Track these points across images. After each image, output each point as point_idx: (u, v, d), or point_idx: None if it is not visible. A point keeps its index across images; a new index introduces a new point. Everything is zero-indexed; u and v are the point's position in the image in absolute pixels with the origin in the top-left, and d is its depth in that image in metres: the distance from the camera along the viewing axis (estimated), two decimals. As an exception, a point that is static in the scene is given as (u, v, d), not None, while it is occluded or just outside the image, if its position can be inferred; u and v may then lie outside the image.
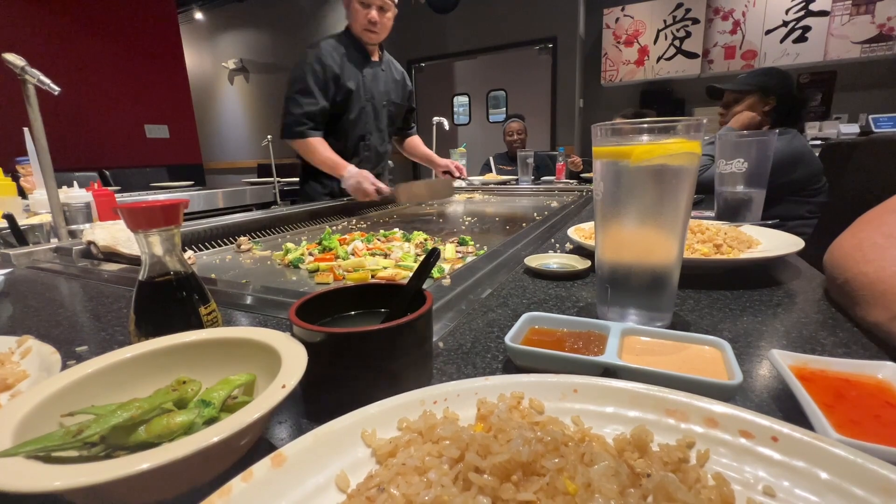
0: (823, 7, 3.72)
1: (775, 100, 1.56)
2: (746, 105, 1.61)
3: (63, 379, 0.29)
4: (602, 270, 0.49)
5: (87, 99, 3.76)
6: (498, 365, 0.41)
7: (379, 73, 1.81)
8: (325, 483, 0.23)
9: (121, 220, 1.12)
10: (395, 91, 1.90)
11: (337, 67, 1.66)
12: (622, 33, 4.50)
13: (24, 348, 0.40)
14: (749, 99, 1.60)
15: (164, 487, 0.24)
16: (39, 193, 1.40)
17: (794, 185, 1.56)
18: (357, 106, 1.75)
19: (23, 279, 0.79)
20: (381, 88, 1.82)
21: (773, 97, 1.56)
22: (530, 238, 0.92)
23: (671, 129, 0.41)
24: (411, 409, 0.27)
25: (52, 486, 0.20)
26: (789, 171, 1.49)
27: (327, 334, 0.32)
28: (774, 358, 0.34)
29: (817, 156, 1.63)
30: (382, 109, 1.85)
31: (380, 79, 1.81)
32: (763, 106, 1.58)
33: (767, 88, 1.56)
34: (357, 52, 1.73)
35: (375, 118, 1.83)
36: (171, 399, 0.29)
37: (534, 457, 0.21)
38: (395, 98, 1.90)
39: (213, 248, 1.12)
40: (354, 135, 1.80)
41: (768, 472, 0.22)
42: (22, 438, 0.24)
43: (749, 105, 1.60)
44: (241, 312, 0.58)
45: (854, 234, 0.53)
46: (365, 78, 1.75)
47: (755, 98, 1.59)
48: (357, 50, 1.73)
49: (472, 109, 5.69)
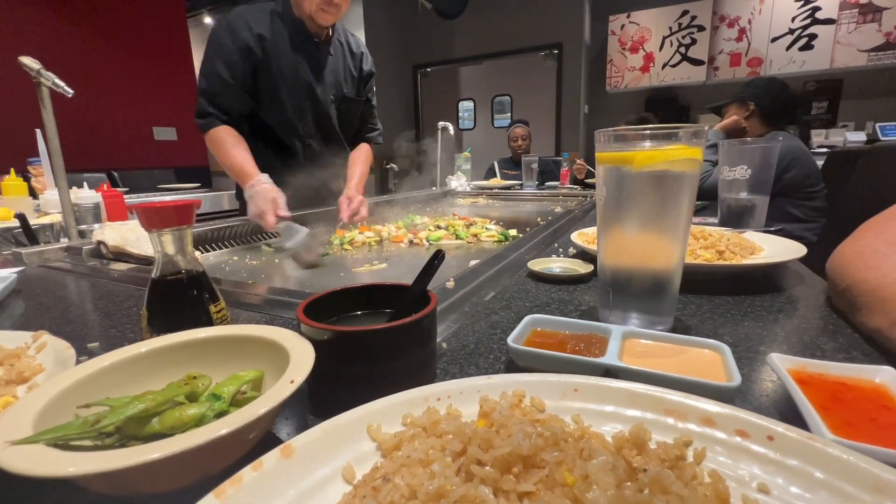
0: (830, 15, 3.72)
1: (754, 106, 1.73)
2: (730, 113, 1.80)
3: (79, 372, 0.30)
4: (604, 274, 0.50)
5: (98, 101, 3.81)
6: (500, 366, 0.42)
7: (324, 59, 1.36)
8: (332, 474, 0.23)
9: (129, 220, 1.13)
10: (348, 82, 1.43)
11: (252, 40, 1.23)
12: (627, 40, 4.51)
13: (39, 343, 0.41)
14: (731, 109, 1.81)
15: (176, 477, 0.25)
16: (50, 194, 1.43)
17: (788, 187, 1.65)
18: (285, 97, 1.31)
19: (34, 277, 0.81)
20: (326, 79, 1.37)
21: (750, 104, 1.74)
22: (534, 242, 0.93)
23: (673, 136, 0.42)
24: (415, 406, 0.28)
25: (69, 471, 0.21)
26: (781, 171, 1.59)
27: (334, 332, 0.33)
28: (773, 361, 0.34)
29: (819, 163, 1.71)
30: (329, 106, 1.41)
31: (325, 66, 1.36)
32: (743, 112, 1.76)
33: (743, 97, 1.75)
34: (292, 29, 1.29)
35: (316, 117, 1.40)
36: (183, 392, 0.30)
37: (534, 450, 0.22)
38: (348, 91, 1.44)
39: (219, 250, 1.13)
40: (283, 137, 1.37)
41: (763, 470, 0.23)
42: (41, 428, 0.25)
43: (731, 113, 1.80)
44: (248, 312, 0.59)
45: (856, 242, 0.54)
46: (299, 63, 1.30)
47: (734, 106, 1.79)
48: (292, 27, 1.29)
49: (477, 115, 5.72)
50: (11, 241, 1.15)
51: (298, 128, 1.38)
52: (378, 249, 1.08)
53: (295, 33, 1.29)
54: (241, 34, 1.22)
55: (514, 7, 4.86)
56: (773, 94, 1.73)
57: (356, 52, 1.46)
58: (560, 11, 4.65)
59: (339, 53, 1.41)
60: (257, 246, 1.17)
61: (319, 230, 1.28)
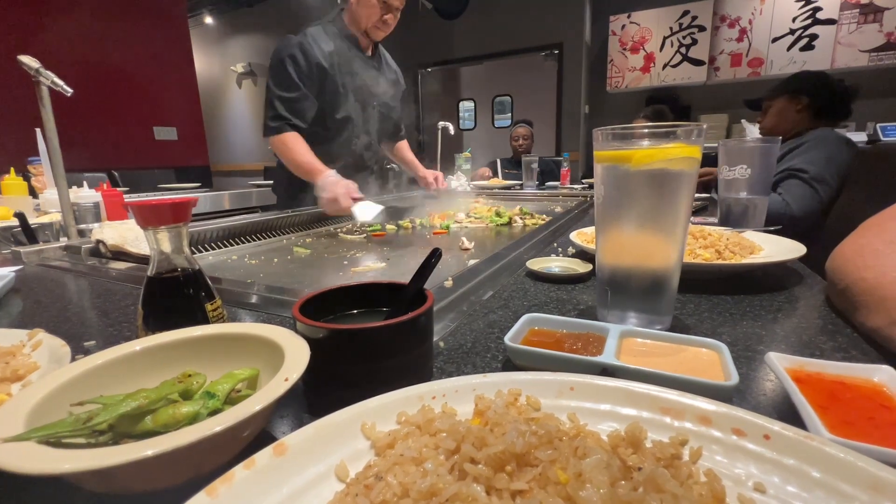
0: (831, 15, 3.71)
1: (807, 98, 1.60)
2: (777, 109, 1.66)
3: (73, 370, 0.30)
4: (602, 273, 0.49)
5: (98, 101, 3.82)
6: (497, 364, 0.42)
7: (372, 71, 1.62)
8: (325, 472, 0.23)
9: (129, 219, 1.13)
10: (389, 92, 1.71)
11: (323, 58, 1.46)
12: (628, 40, 4.50)
13: (34, 341, 0.41)
14: (779, 102, 1.66)
15: (169, 474, 0.25)
16: (50, 193, 1.42)
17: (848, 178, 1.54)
18: (344, 105, 1.55)
19: (33, 276, 0.81)
20: (373, 88, 1.63)
21: (803, 96, 1.61)
22: (533, 242, 0.93)
23: (671, 134, 0.42)
24: (410, 404, 0.28)
25: (62, 469, 0.21)
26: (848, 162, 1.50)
27: (330, 330, 0.33)
28: (771, 360, 0.34)
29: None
30: (373, 111, 1.66)
31: (373, 77, 1.62)
32: (795, 106, 1.63)
33: (797, 90, 1.62)
34: (349, 45, 1.54)
35: (364, 121, 1.64)
36: (177, 390, 0.29)
37: (527, 448, 0.21)
38: (389, 100, 1.71)
39: (219, 249, 1.13)
40: (338, 138, 1.59)
41: (759, 469, 0.23)
42: (33, 425, 0.25)
43: (780, 109, 1.66)
44: (245, 311, 0.59)
45: (855, 241, 0.54)
46: (356, 75, 1.55)
47: (784, 101, 1.65)
48: (349, 43, 1.54)
49: (477, 115, 5.72)
50: (11, 240, 1.15)
51: (354, 130, 1.61)
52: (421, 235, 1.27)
53: (352, 48, 1.55)
54: (312, 51, 1.45)
55: (515, 7, 4.85)
56: (830, 88, 1.61)
57: (392, 67, 1.77)
58: (560, 11, 4.65)
59: (382, 66, 1.69)
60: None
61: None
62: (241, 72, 6.23)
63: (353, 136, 1.62)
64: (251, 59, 6.16)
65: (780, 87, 1.68)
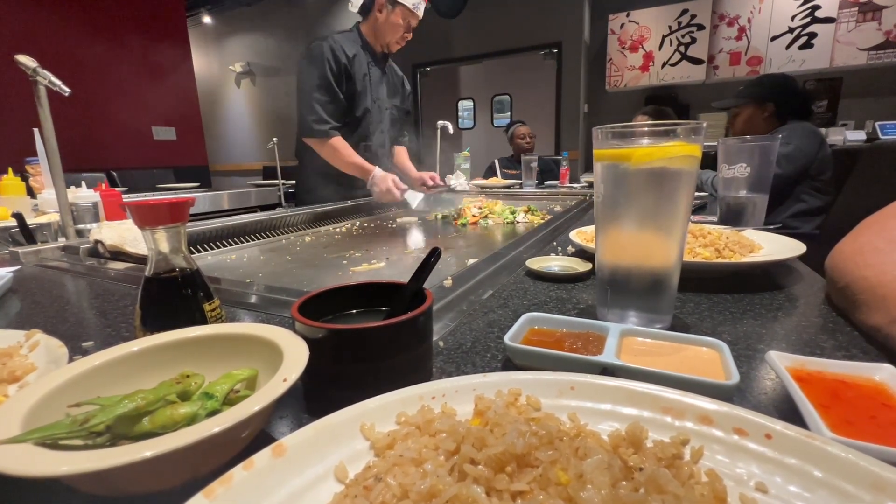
0: (830, 14, 3.71)
1: (773, 104, 1.67)
2: (745, 117, 1.73)
3: (70, 371, 0.30)
4: (602, 272, 0.49)
5: (96, 100, 3.81)
6: (497, 364, 0.42)
7: (383, 76, 1.81)
8: (324, 473, 0.23)
9: (128, 219, 1.13)
10: (397, 95, 1.90)
11: (348, 62, 1.63)
12: (627, 39, 4.50)
13: (32, 342, 0.41)
14: (747, 110, 1.73)
15: (167, 476, 0.25)
16: (48, 193, 1.42)
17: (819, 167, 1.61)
18: (362, 106, 1.72)
19: (31, 277, 0.80)
20: (385, 91, 1.82)
21: (769, 103, 1.68)
22: (532, 241, 0.93)
23: (671, 132, 0.42)
24: (410, 404, 0.28)
25: (58, 471, 0.21)
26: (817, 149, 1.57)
27: (329, 330, 0.33)
28: (771, 359, 0.34)
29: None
30: (385, 112, 1.84)
31: (384, 81, 1.81)
32: (762, 114, 1.70)
33: (760, 97, 1.69)
34: (365, 52, 1.72)
35: (379, 120, 1.82)
36: (175, 391, 0.29)
37: (528, 449, 0.21)
38: (398, 102, 1.90)
39: (217, 249, 1.13)
40: (357, 136, 1.76)
41: (761, 469, 0.23)
42: (30, 427, 0.25)
43: (748, 116, 1.73)
44: (244, 311, 0.58)
45: (855, 239, 0.53)
46: (372, 78, 1.73)
47: (752, 109, 1.72)
48: (366, 50, 1.72)
49: (476, 114, 5.71)
50: (9, 240, 1.15)
51: (365, 128, 1.77)
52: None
53: (367, 55, 1.72)
54: (340, 56, 1.60)
55: (514, 6, 4.85)
56: (790, 91, 1.69)
57: (399, 74, 1.94)
58: (560, 10, 4.65)
59: (391, 72, 1.87)
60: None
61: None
62: (239, 71, 6.23)
63: (368, 133, 1.79)
64: (250, 59, 6.15)
65: (745, 93, 1.74)
